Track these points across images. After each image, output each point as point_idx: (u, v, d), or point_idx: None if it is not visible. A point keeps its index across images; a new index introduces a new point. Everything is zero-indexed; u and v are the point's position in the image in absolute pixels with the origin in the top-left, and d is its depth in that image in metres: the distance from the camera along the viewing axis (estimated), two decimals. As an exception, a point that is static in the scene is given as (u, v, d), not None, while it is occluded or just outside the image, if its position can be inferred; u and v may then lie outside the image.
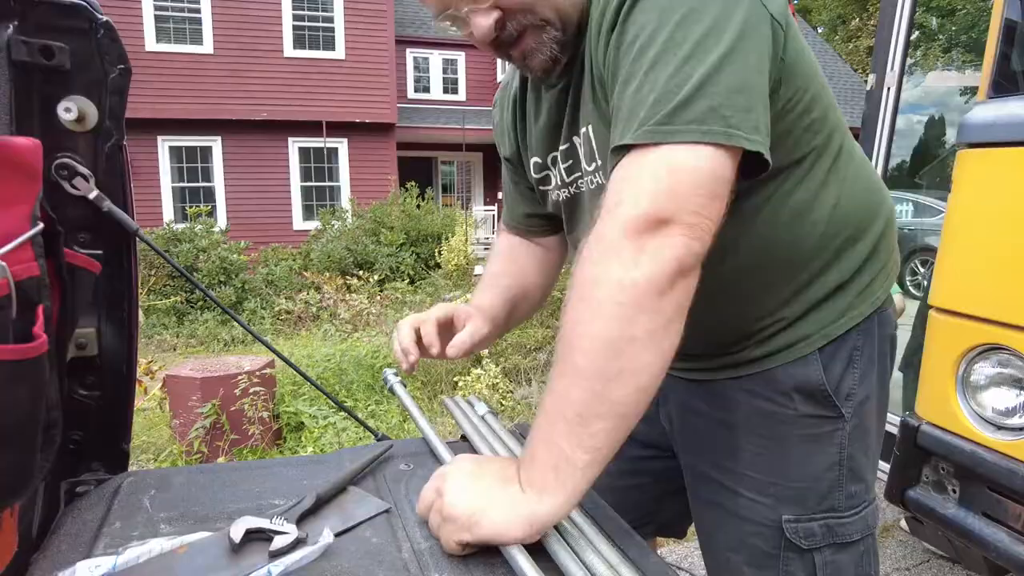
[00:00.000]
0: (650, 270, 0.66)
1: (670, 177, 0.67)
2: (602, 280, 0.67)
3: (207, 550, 0.70)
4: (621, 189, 0.69)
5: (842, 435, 0.95)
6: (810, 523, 0.94)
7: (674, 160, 0.67)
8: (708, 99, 0.67)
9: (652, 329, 0.67)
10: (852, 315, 0.94)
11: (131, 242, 0.90)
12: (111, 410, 0.93)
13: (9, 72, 0.72)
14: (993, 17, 1.87)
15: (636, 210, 0.67)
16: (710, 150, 0.67)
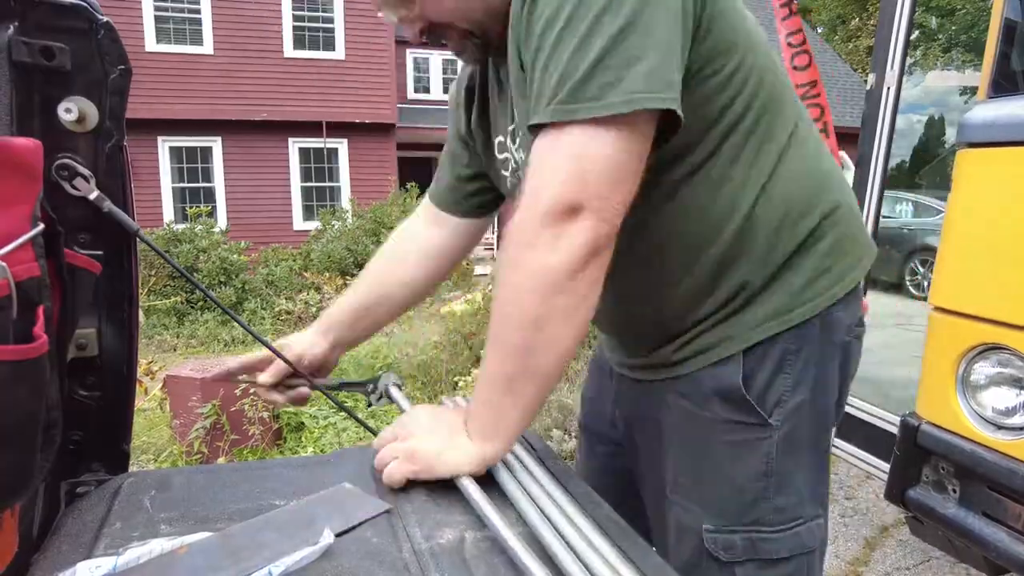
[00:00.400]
0: (565, 256, 0.73)
1: (578, 164, 0.72)
2: (525, 265, 0.75)
3: (207, 551, 0.70)
4: (539, 175, 0.75)
5: (769, 444, 0.90)
6: (731, 535, 0.91)
7: (581, 146, 0.72)
8: (606, 73, 0.70)
9: (568, 306, 0.75)
10: (782, 319, 0.89)
11: (131, 243, 0.90)
12: (111, 410, 0.93)
13: (9, 73, 0.72)
14: (993, 17, 1.87)
15: (551, 200, 0.72)
16: (614, 127, 0.71)
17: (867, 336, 1.02)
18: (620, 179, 0.73)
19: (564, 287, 0.74)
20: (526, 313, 0.76)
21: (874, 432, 2.33)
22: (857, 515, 3.12)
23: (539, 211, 0.73)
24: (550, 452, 0.99)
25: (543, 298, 0.75)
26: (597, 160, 0.72)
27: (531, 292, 0.75)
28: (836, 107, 16.14)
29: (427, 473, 0.83)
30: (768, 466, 0.90)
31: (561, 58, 0.71)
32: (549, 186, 0.73)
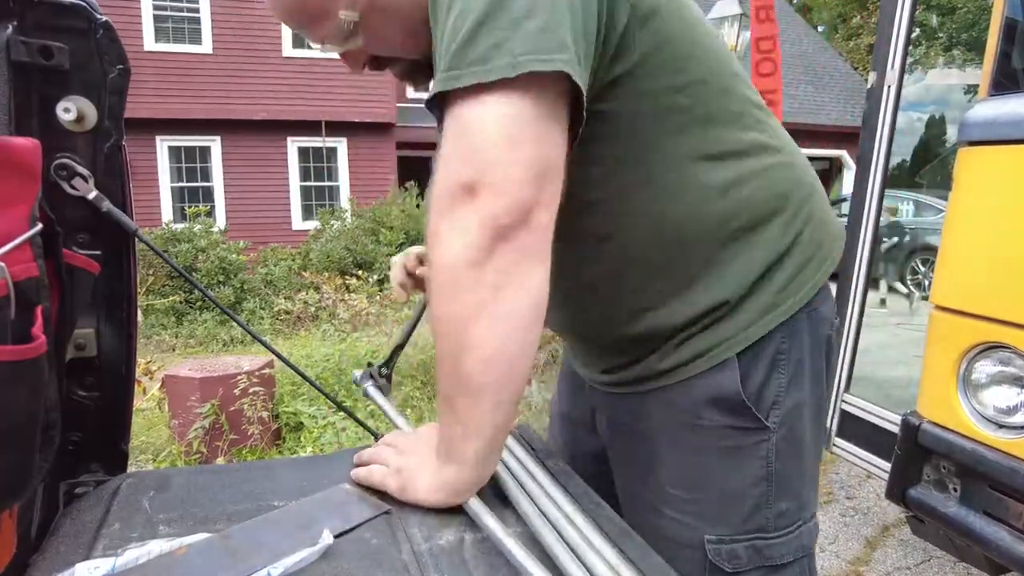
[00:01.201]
0: (459, 246, 0.65)
1: (464, 140, 0.64)
2: (431, 262, 0.69)
3: (207, 552, 0.70)
4: (439, 154, 0.67)
5: (768, 447, 0.86)
6: (734, 544, 0.87)
7: (464, 118, 0.64)
8: (491, 34, 0.62)
9: (477, 302, 0.66)
10: (774, 315, 0.85)
11: (130, 242, 0.89)
12: (110, 411, 0.93)
13: (8, 72, 0.72)
14: (994, 15, 1.87)
15: (444, 183, 0.66)
16: (502, 94, 0.62)
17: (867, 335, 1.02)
18: (515, 145, 0.63)
19: (464, 282, 0.66)
20: (440, 315, 0.69)
21: (875, 431, 2.33)
22: (858, 514, 3.12)
23: (434, 201, 0.67)
24: (550, 452, 0.99)
25: (447, 297, 0.67)
26: (486, 129, 0.63)
27: (439, 290, 0.68)
28: (836, 106, 16.19)
29: (401, 494, 0.80)
30: (768, 470, 0.87)
31: (447, 24, 0.65)
32: (442, 171, 0.66)
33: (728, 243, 0.84)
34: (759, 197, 0.85)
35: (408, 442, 0.87)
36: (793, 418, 0.88)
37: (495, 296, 0.66)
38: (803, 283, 0.87)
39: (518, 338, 0.68)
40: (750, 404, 0.86)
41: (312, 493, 0.83)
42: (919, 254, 9.20)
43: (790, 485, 0.89)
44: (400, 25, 0.82)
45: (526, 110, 0.63)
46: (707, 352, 0.86)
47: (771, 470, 0.87)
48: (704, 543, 0.88)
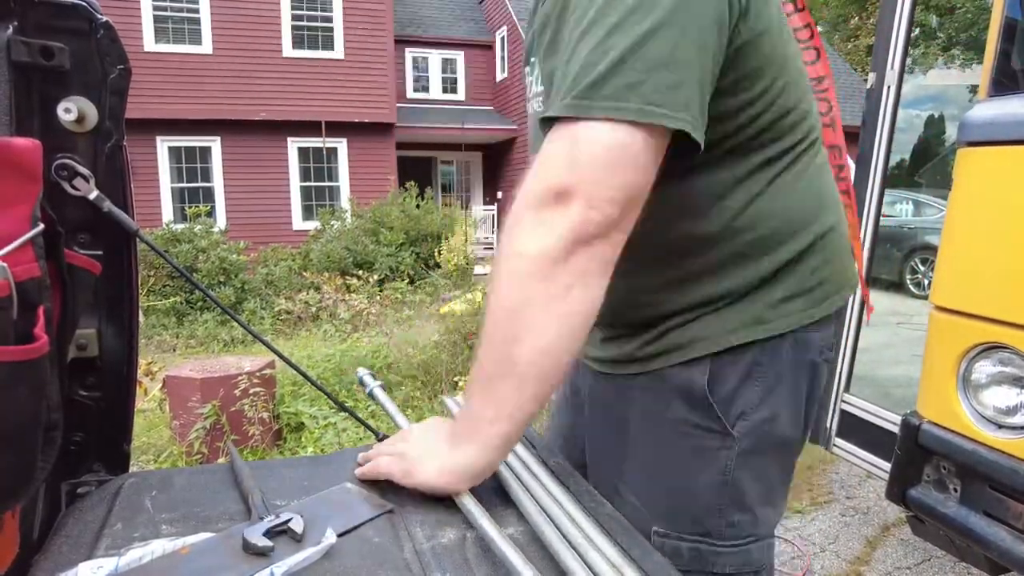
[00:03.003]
0: (547, 241, 0.69)
1: (574, 149, 0.69)
2: (506, 251, 0.73)
3: (210, 551, 0.70)
4: (539, 161, 0.72)
5: (729, 456, 0.87)
6: (679, 542, 0.89)
7: (582, 134, 0.69)
8: (626, 75, 0.67)
9: (547, 293, 0.70)
10: (756, 329, 0.86)
11: (131, 243, 0.89)
12: (112, 411, 0.93)
13: (9, 73, 0.72)
14: (993, 15, 1.87)
15: (539, 184, 0.71)
16: (623, 127, 0.67)
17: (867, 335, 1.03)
18: (618, 167, 0.69)
19: (540, 274, 0.70)
20: (502, 300, 0.73)
21: (875, 431, 2.33)
22: (858, 514, 3.12)
23: (527, 195, 0.72)
24: (551, 450, 0.99)
25: (518, 286, 0.71)
26: (595, 147, 0.68)
27: (508, 277, 0.72)
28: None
29: (405, 478, 0.80)
30: (725, 477, 0.87)
31: (581, 54, 0.70)
32: (542, 171, 0.71)
33: (735, 253, 0.86)
34: (777, 219, 0.86)
35: (410, 433, 0.87)
36: (761, 434, 0.87)
37: (565, 294, 0.70)
38: (795, 309, 0.88)
39: (572, 337, 0.73)
40: (715, 405, 0.86)
41: (314, 493, 0.83)
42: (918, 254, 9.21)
43: (746, 499, 0.88)
44: None
45: (636, 145, 0.68)
46: (683, 347, 0.88)
47: (728, 479, 0.87)
48: (652, 534, 0.89)
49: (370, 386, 1.16)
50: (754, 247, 0.86)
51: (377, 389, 1.15)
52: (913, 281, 9.17)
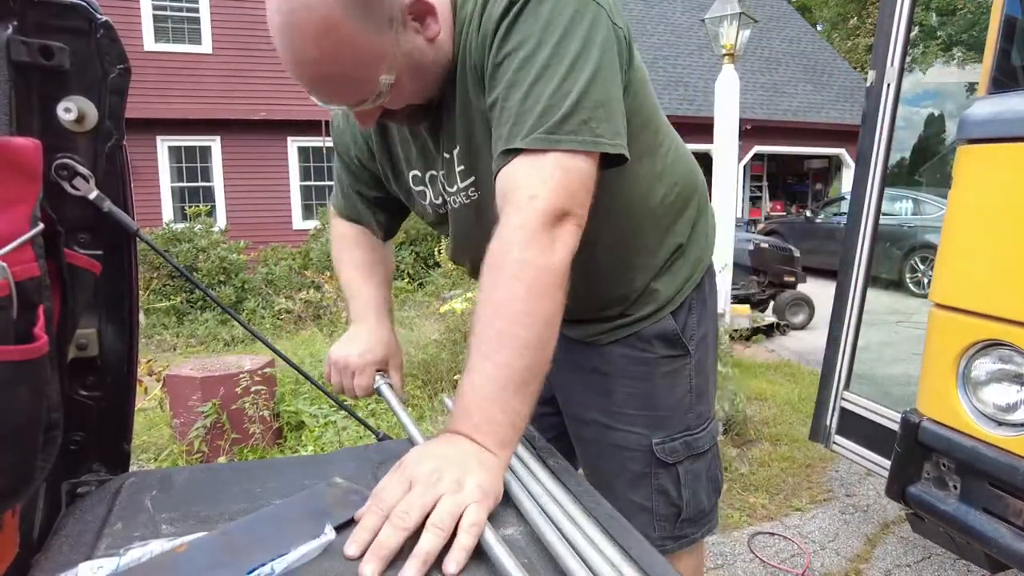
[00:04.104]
0: (561, 256, 0.83)
1: (566, 178, 0.84)
2: (533, 265, 0.82)
3: (208, 548, 0.70)
4: (532, 184, 0.84)
5: (690, 367, 1.21)
6: (673, 442, 1.19)
7: (566, 165, 0.85)
8: (581, 113, 0.85)
9: (561, 303, 0.84)
10: (692, 280, 1.21)
11: (131, 242, 0.90)
12: (112, 410, 0.93)
13: (8, 72, 0.72)
14: (993, 13, 1.87)
15: (548, 204, 0.83)
16: (583, 156, 0.86)
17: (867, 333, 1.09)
18: (590, 191, 0.88)
19: (561, 285, 0.84)
20: (537, 309, 0.81)
21: (875, 429, 2.33)
22: (858, 512, 3.12)
23: (538, 213, 0.82)
24: (550, 449, 0.99)
25: (553, 297, 0.82)
26: (577, 177, 0.85)
27: (541, 288, 0.81)
28: (835, 104, 16.19)
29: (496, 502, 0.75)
30: (691, 384, 1.21)
31: (542, 94, 0.84)
32: (543, 193, 0.83)
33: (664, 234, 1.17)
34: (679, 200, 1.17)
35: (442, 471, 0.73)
36: (702, 345, 1.23)
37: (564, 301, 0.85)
38: (703, 255, 1.24)
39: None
40: (681, 337, 1.19)
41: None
42: (918, 252, 9.21)
43: (704, 392, 1.24)
44: (424, 78, 0.95)
45: (595, 170, 0.88)
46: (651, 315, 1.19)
47: (692, 384, 1.21)
48: (652, 445, 1.19)
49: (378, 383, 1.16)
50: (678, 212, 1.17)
51: (385, 387, 1.16)
52: (913, 279, 9.17)
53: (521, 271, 0.82)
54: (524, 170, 0.85)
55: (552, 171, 0.84)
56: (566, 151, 0.84)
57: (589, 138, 0.85)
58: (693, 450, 1.21)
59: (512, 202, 0.84)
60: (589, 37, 0.87)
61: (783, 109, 15.43)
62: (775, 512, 3.11)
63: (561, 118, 0.84)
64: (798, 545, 2.79)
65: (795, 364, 5.81)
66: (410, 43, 0.89)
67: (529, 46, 0.86)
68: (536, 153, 0.85)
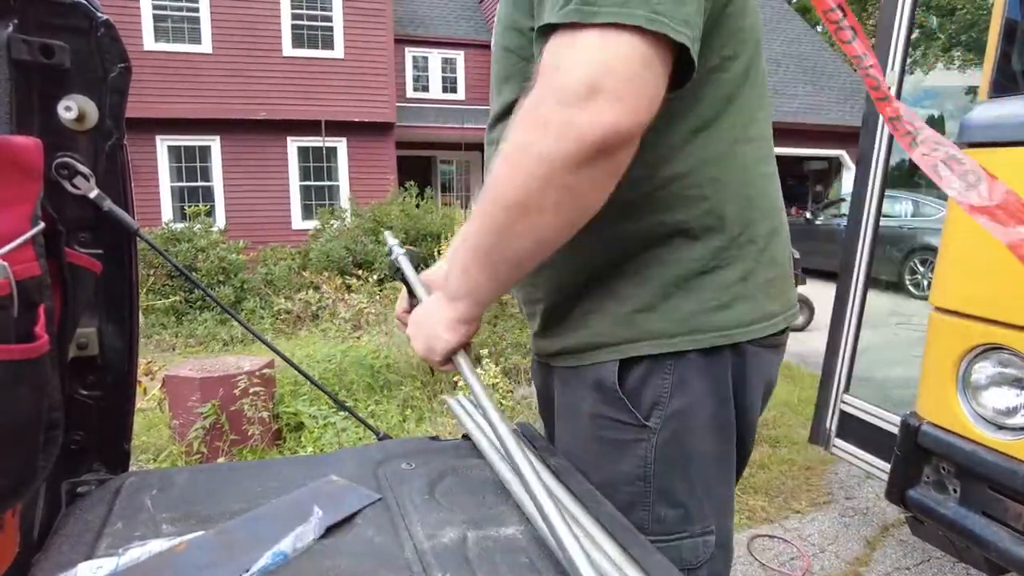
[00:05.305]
0: (572, 145, 0.65)
1: (604, 51, 0.64)
2: (526, 148, 0.69)
3: (206, 547, 0.70)
4: (558, 54, 0.66)
5: (647, 447, 0.85)
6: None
7: (603, 42, 0.64)
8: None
9: (560, 201, 0.70)
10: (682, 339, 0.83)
11: (131, 241, 0.89)
12: (112, 410, 0.93)
13: (9, 71, 0.72)
14: (994, 17, 1.87)
15: (570, 77, 0.64)
16: (637, 37, 0.63)
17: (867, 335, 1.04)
18: (648, 68, 0.65)
19: (558, 181, 0.68)
20: (516, 195, 0.71)
21: (874, 432, 2.33)
22: (857, 515, 3.12)
23: (555, 90, 0.65)
24: (551, 449, 0.99)
25: (535, 189, 0.69)
26: (622, 51, 0.64)
27: (526, 176, 0.69)
28: (836, 106, 16.20)
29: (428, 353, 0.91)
30: (645, 471, 0.86)
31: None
32: (570, 65, 0.65)
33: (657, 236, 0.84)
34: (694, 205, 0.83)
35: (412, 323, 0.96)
36: (681, 424, 0.85)
37: (575, 199, 0.70)
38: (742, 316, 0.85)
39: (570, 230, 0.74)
40: (624, 398, 0.85)
41: (313, 492, 0.83)
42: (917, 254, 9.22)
43: (672, 492, 0.86)
44: None
45: (655, 61, 0.65)
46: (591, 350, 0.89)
47: (648, 472, 0.86)
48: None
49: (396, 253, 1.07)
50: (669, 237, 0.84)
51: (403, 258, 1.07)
52: (912, 282, 9.17)
53: (515, 152, 0.71)
54: (553, 47, 0.67)
55: (587, 44, 0.64)
56: (606, 27, 0.63)
57: (641, 11, 0.63)
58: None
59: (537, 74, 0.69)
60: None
61: (783, 110, 15.43)
62: (774, 515, 3.11)
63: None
64: (797, 548, 2.79)
65: (795, 366, 5.80)
66: None
67: None
68: (570, 30, 0.65)
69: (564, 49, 0.66)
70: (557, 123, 0.65)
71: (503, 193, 0.73)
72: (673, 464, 0.86)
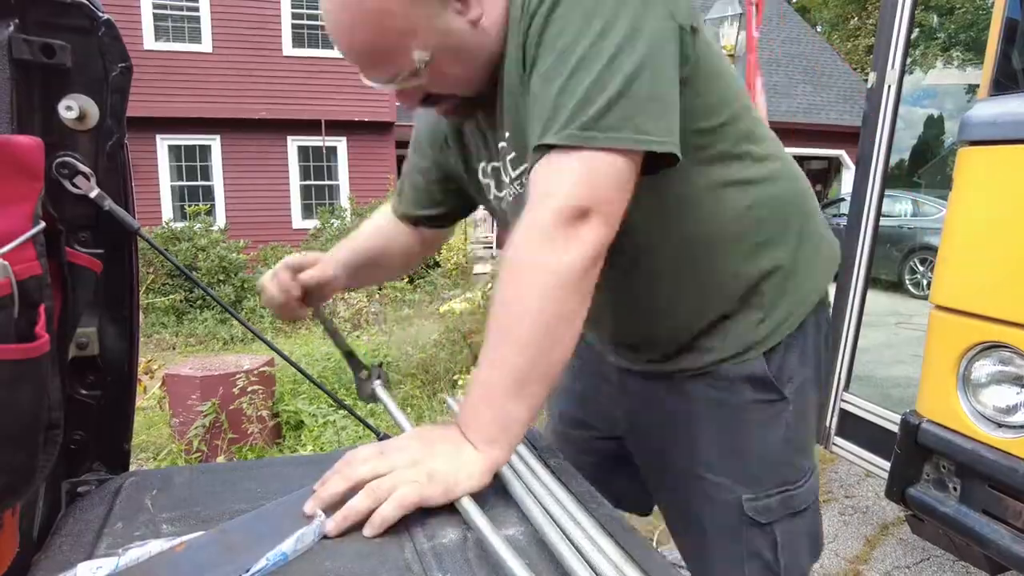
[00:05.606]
0: (578, 256, 0.76)
1: (591, 175, 0.77)
2: (540, 265, 0.77)
3: (206, 547, 0.70)
4: (550, 181, 0.78)
5: (788, 415, 1.04)
6: (768, 499, 1.04)
7: (594, 162, 0.77)
8: (623, 108, 0.76)
9: (576, 308, 0.79)
10: (794, 317, 1.03)
11: (132, 241, 0.89)
12: (112, 409, 0.93)
13: (10, 70, 0.72)
14: (994, 15, 1.87)
15: (565, 201, 0.76)
16: (622, 154, 0.77)
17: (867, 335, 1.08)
18: (622, 191, 0.79)
19: (573, 288, 0.77)
20: (541, 314, 0.77)
21: (874, 430, 2.33)
22: (857, 513, 3.12)
23: (552, 211, 0.76)
24: (552, 450, 0.99)
25: (558, 299, 0.77)
26: (607, 172, 0.77)
27: (548, 289, 0.77)
28: (835, 106, 16.20)
29: (443, 497, 0.76)
30: (787, 433, 1.04)
31: (577, 88, 0.77)
32: (562, 189, 0.77)
33: (747, 257, 1.00)
34: (768, 220, 1.00)
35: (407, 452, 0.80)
36: (803, 390, 1.05)
37: (582, 305, 0.79)
38: (808, 293, 1.05)
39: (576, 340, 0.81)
40: (774, 380, 1.02)
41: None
42: (917, 254, 9.22)
43: (803, 443, 1.08)
44: (465, 65, 0.91)
45: (629, 167, 0.79)
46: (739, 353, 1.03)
47: (790, 433, 1.04)
48: (742, 501, 1.03)
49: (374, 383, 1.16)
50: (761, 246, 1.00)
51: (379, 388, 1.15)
52: (912, 281, 9.18)
53: (526, 271, 0.78)
54: (549, 167, 0.79)
55: (578, 167, 0.77)
56: (601, 149, 0.76)
57: (630, 135, 0.76)
58: (791, 508, 1.05)
59: (530, 200, 0.79)
60: (636, 26, 0.78)
61: (783, 110, 15.43)
62: (774, 513, 3.11)
63: (598, 113, 0.76)
64: (797, 546, 2.79)
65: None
66: (448, 22, 0.86)
67: (568, 36, 0.79)
68: (567, 150, 0.77)
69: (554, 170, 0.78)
70: (560, 240, 0.76)
71: (528, 309, 0.77)
72: (801, 420, 1.06)
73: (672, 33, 0.82)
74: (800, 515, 1.06)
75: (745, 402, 1.03)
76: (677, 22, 0.83)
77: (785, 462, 1.05)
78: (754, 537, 1.04)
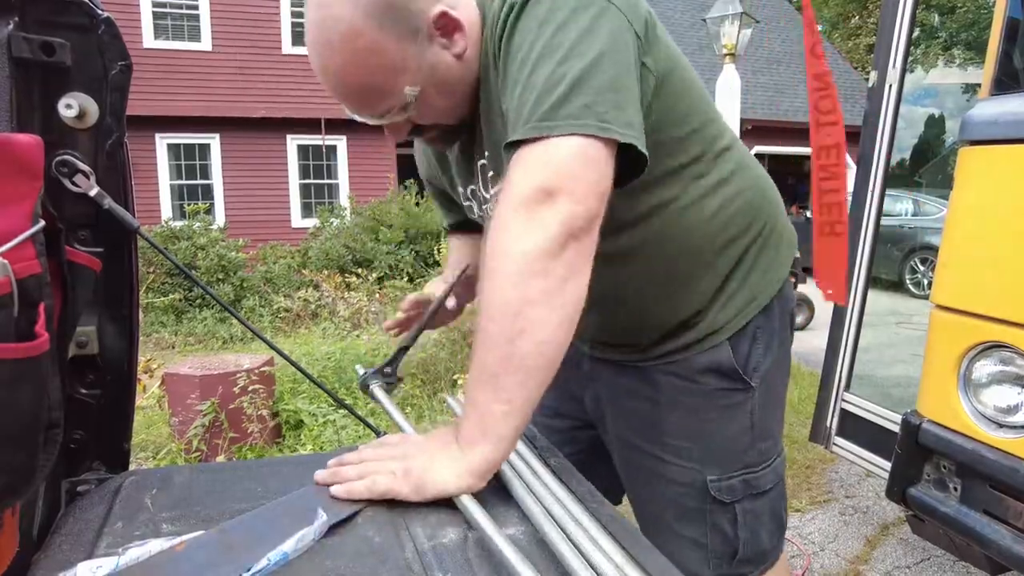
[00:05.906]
0: (539, 237, 0.74)
1: (550, 156, 0.76)
2: (498, 252, 0.76)
3: (206, 546, 0.69)
4: (514, 173, 0.77)
5: (752, 403, 1.09)
6: (731, 480, 1.09)
7: (555, 147, 0.76)
8: (583, 96, 0.76)
9: (545, 289, 0.75)
10: (754, 305, 1.08)
11: (132, 240, 0.89)
12: (112, 408, 0.93)
13: (10, 69, 0.72)
14: (996, 14, 1.87)
15: (524, 186, 0.75)
16: (587, 140, 0.76)
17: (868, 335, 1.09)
18: (588, 167, 0.76)
19: (539, 270, 0.74)
20: (503, 299, 0.76)
21: (875, 430, 2.33)
22: (858, 513, 3.12)
23: (512, 198, 0.76)
24: (552, 449, 0.99)
25: (517, 284, 0.75)
26: (569, 152, 0.75)
27: (506, 276, 0.75)
28: (835, 105, 16.17)
29: (414, 494, 0.79)
30: (752, 420, 1.09)
31: (536, 83, 0.78)
32: (522, 177, 0.76)
33: (719, 252, 1.05)
34: (739, 215, 1.05)
35: (400, 447, 0.86)
36: (768, 377, 1.11)
37: (561, 286, 0.76)
38: (772, 277, 1.10)
39: (569, 325, 0.78)
40: (740, 370, 1.07)
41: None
42: (918, 253, 9.22)
43: (767, 428, 1.12)
44: (451, 96, 0.94)
45: (600, 153, 0.77)
46: (703, 340, 1.07)
47: (754, 419, 1.10)
48: (707, 483, 1.09)
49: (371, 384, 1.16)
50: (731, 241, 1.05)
51: (377, 388, 1.15)
52: (913, 281, 9.18)
53: (490, 261, 0.77)
54: (515, 162, 0.78)
55: (538, 155, 0.76)
56: (562, 135, 0.75)
57: (592, 121, 0.75)
58: (753, 489, 1.11)
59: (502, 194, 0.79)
60: (591, 27, 0.80)
61: (784, 109, 15.43)
62: (774, 513, 3.10)
63: (557, 101, 0.76)
64: (798, 546, 2.79)
65: (795, 365, 5.79)
66: (435, 57, 0.88)
67: (526, 45, 0.81)
68: (531, 143, 0.77)
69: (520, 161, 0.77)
70: (523, 224, 0.75)
71: (492, 300, 0.77)
72: (766, 407, 1.11)
73: (629, 34, 0.84)
74: (762, 496, 1.12)
75: (711, 390, 1.08)
76: (633, 28, 0.85)
77: (748, 447, 1.10)
78: (717, 513, 1.10)
